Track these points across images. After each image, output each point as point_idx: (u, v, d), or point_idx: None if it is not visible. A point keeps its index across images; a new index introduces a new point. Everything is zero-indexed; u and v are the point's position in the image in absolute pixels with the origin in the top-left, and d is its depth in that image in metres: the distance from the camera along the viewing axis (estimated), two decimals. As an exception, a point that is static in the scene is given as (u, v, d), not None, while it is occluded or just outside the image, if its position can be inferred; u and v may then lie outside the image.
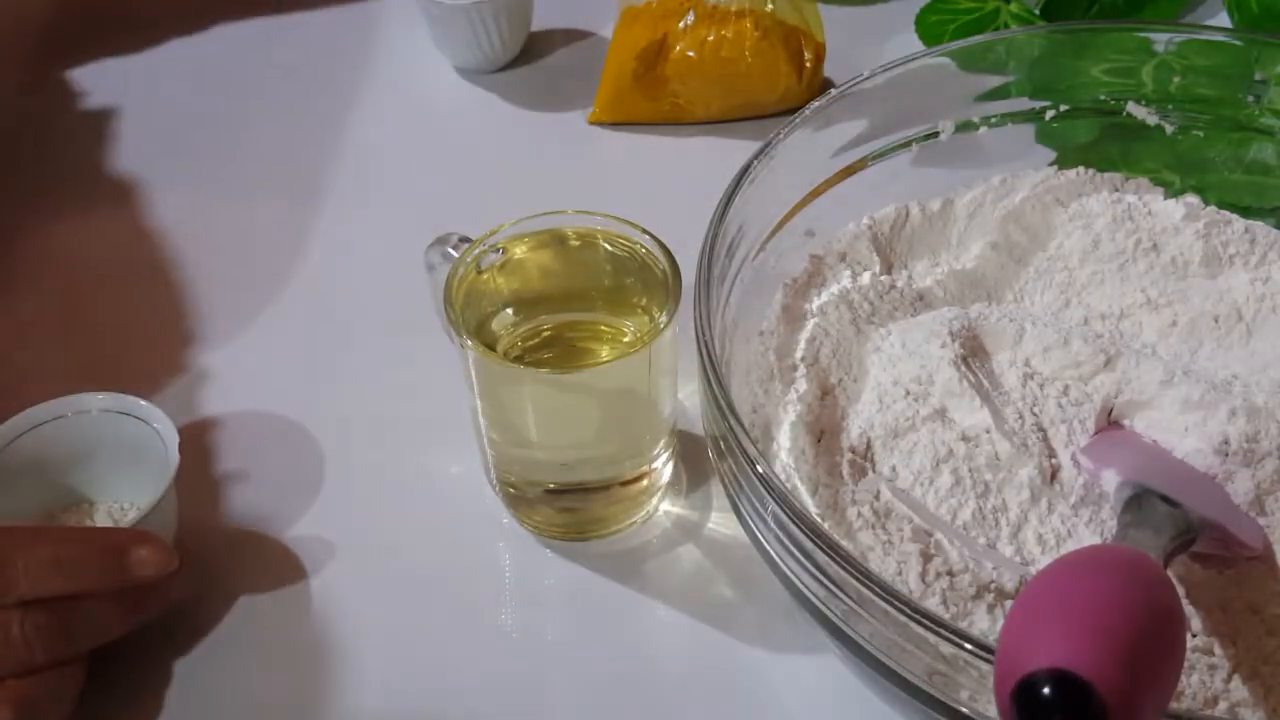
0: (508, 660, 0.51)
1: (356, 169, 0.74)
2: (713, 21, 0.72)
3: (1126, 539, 0.45)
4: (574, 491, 0.53)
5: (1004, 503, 0.49)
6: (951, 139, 0.60)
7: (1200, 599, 0.46)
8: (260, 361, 0.63)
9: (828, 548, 0.40)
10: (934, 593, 0.45)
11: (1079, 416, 0.51)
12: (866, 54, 0.78)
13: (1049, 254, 0.59)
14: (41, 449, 0.53)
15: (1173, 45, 0.61)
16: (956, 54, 0.60)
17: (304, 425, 0.59)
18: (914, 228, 0.59)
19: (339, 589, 0.53)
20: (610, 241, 0.53)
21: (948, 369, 0.51)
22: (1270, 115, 0.60)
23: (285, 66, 0.82)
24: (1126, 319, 0.57)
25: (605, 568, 0.54)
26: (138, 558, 0.46)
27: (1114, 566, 0.38)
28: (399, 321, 0.63)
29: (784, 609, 0.51)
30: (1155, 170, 0.61)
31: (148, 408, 0.53)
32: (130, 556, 0.46)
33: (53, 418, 0.53)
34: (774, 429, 0.51)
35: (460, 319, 0.49)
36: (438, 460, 0.58)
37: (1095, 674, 0.32)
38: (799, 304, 0.56)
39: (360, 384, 0.61)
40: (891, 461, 0.50)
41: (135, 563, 0.46)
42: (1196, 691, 0.43)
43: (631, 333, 0.53)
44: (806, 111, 0.55)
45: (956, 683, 0.39)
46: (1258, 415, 0.50)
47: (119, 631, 0.48)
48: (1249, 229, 0.58)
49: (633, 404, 0.51)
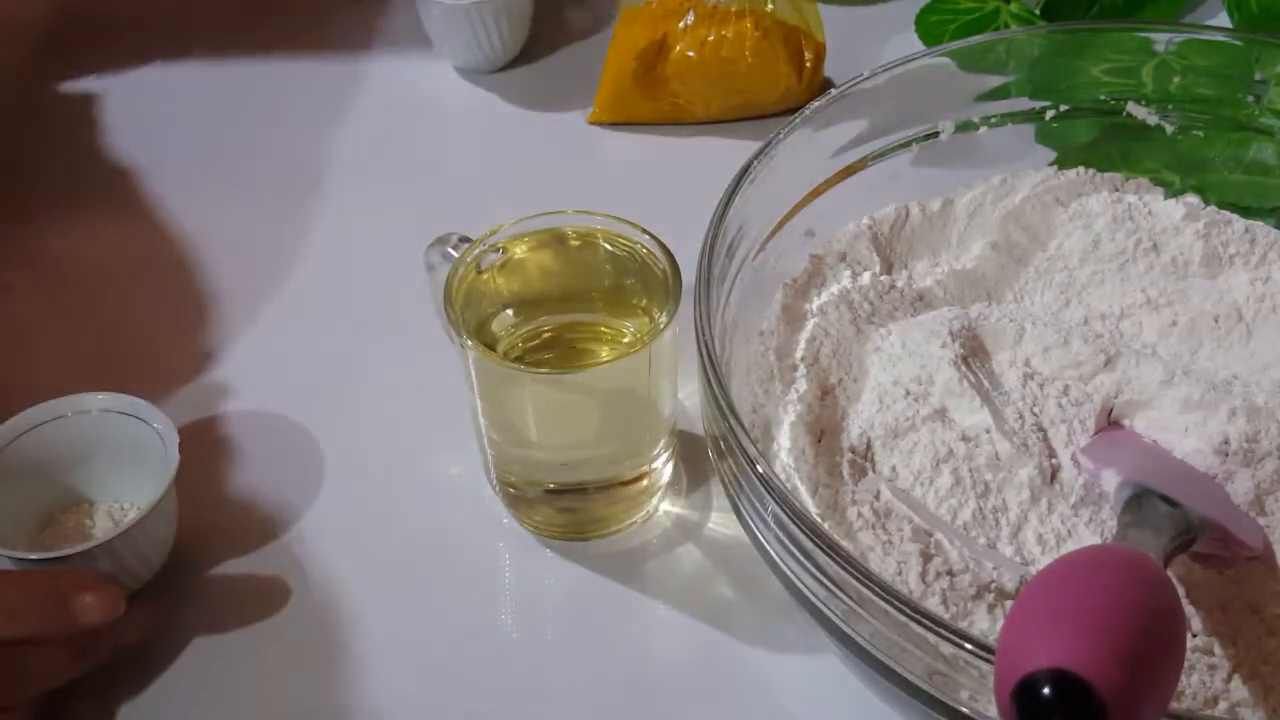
0: (508, 660, 0.51)
1: (356, 168, 0.74)
2: (713, 21, 0.72)
3: (1126, 539, 0.45)
4: (574, 491, 0.53)
5: (1004, 503, 0.49)
6: (951, 139, 0.60)
7: (1200, 599, 0.46)
8: (260, 361, 0.63)
9: (828, 548, 0.40)
10: (934, 593, 0.45)
11: (1079, 416, 0.51)
12: (866, 54, 0.78)
13: (1049, 254, 0.59)
14: (41, 449, 0.53)
15: (1173, 45, 0.61)
16: (956, 54, 0.60)
17: (304, 425, 0.59)
18: (914, 228, 0.59)
19: (339, 588, 0.53)
20: (610, 241, 0.53)
21: (948, 369, 0.51)
22: (1270, 115, 0.60)
23: (285, 66, 0.82)
24: (1126, 319, 0.56)
25: (605, 568, 0.54)
26: (82, 604, 0.45)
27: (1114, 566, 0.38)
28: (399, 322, 0.63)
29: (784, 609, 0.51)
30: (1155, 170, 0.61)
31: (148, 407, 0.53)
32: (74, 603, 0.45)
33: (53, 418, 0.53)
34: (774, 429, 0.51)
35: (460, 319, 0.49)
36: (438, 460, 0.58)
37: (1095, 674, 0.32)
38: (799, 304, 0.56)
39: (360, 384, 0.61)
40: (891, 461, 0.50)
41: (80, 609, 0.45)
42: (1196, 691, 0.43)
43: (631, 333, 0.53)
44: (806, 111, 0.55)
45: (957, 683, 0.39)
46: (1258, 415, 0.50)
47: (68, 676, 0.47)
48: (1249, 229, 0.58)
49: (633, 404, 0.51)
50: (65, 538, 0.52)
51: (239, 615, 0.52)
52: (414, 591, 0.53)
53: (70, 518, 0.54)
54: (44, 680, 0.46)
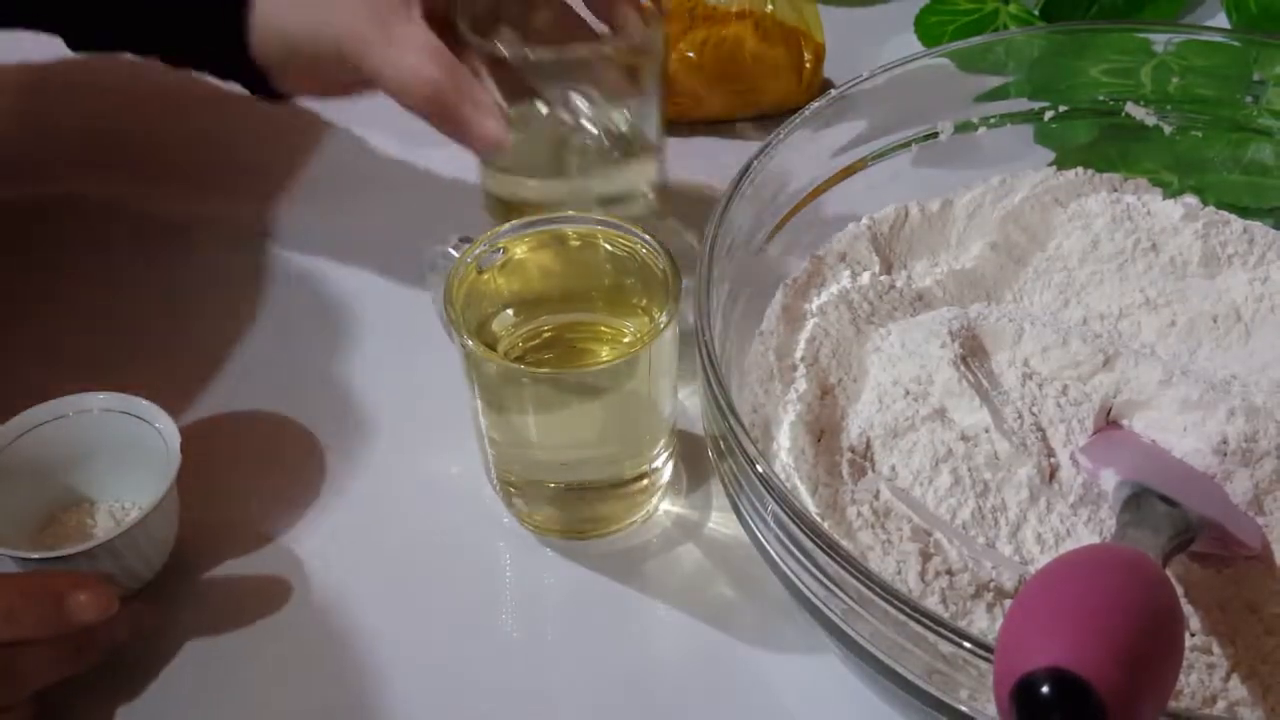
0: (508, 659, 0.51)
1: (357, 167, 0.74)
2: (713, 22, 0.72)
3: (1125, 538, 0.45)
4: (574, 491, 0.53)
5: (1003, 502, 0.49)
6: (951, 139, 0.60)
7: (1199, 598, 0.46)
8: (261, 361, 0.63)
9: (827, 547, 0.40)
10: (933, 592, 0.45)
11: (1078, 416, 0.51)
12: (866, 54, 0.78)
13: (1048, 254, 0.59)
14: (42, 449, 0.53)
15: (1172, 46, 0.61)
16: (956, 54, 0.60)
17: (304, 425, 0.59)
18: (913, 228, 0.59)
19: (339, 587, 0.53)
20: (610, 241, 0.53)
21: (947, 369, 0.51)
22: (1268, 116, 0.60)
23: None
24: (1125, 319, 0.57)
25: (605, 567, 0.54)
26: (76, 603, 0.46)
27: (1113, 566, 0.38)
28: (399, 322, 0.63)
29: (784, 608, 0.51)
30: (1154, 170, 0.61)
31: (149, 407, 0.53)
32: (69, 602, 0.46)
33: (53, 418, 0.53)
34: (774, 429, 0.51)
35: (461, 319, 0.49)
36: (438, 460, 0.58)
37: (1094, 673, 0.32)
38: (799, 304, 0.56)
39: (360, 384, 0.61)
40: (891, 461, 0.50)
41: (74, 608, 0.46)
42: (1195, 690, 0.43)
43: (631, 333, 0.53)
44: (806, 111, 0.56)
45: (956, 682, 0.39)
46: (1256, 415, 0.50)
47: (63, 675, 0.47)
48: (1247, 229, 0.58)
49: (633, 404, 0.51)
50: (66, 537, 0.52)
51: (239, 615, 0.52)
52: (414, 591, 0.53)
53: (71, 517, 0.54)
54: (40, 679, 0.46)
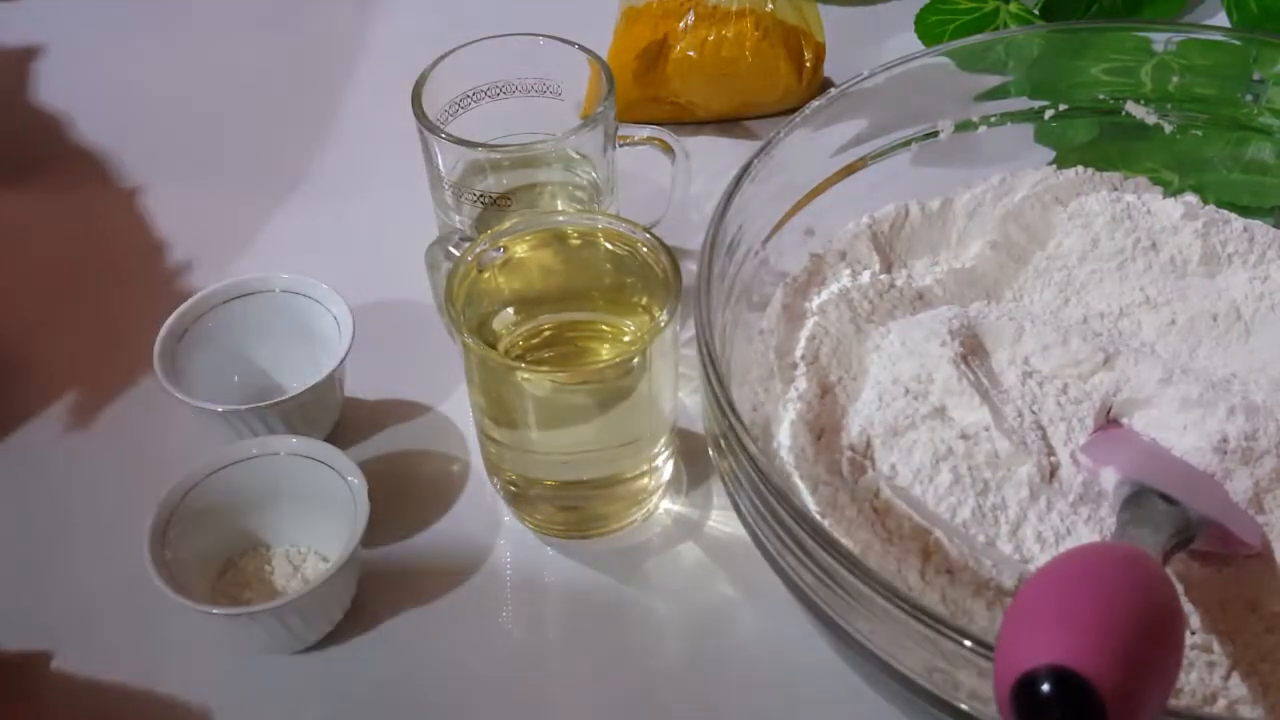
0: (508, 658, 0.51)
1: (357, 167, 0.74)
2: (713, 21, 0.72)
3: (1125, 537, 0.45)
4: (575, 489, 0.53)
5: (1003, 500, 0.49)
6: (951, 138, 0.60)
7: (1199, 596, 0.46)
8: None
9: (827, 545, 0.40)
10: (933, 590, 0.45)
11: (1078, 414, 0.51)
12: (866, 54, 0.78)
13: (1048, 253, 0.59)
14: (228, 491, 0.51)
15: (1172, 45, 0.61)
16: (956, 54, 0.60)
17: (305, 424, 0.59)
18: (914, 227, 0.59)
19: (340, 587, 0.53)
20: (611, 240, 0.53)
21: (947, 367, 0.51)
22: (1269, 115, 0.60)
23: (284, 61, 0.82)
24: (1125, 317, 0.57)
25: (606, 565, 0.54)
26: None
27: (1113, 564, 0.38)
28: (400, 320, 0.63)
29: (784, 607, 0.51)
30: (1154, 169, 0.62)
31: (336, 453, 0.51)
32: None
33: (240, 459, 0.51)
34: (774, 427, 0.51)
35: (461, 318, 0.49)
36: (438, 459, 0.58)
37: (1094, 671, 0.32)
38: (799, 303, 0.56)
39: (361, 382, 0.61)
40: (891, 459, 0.50)
41: None
42: (1195, 689, 0.43)
43: (632, 332, 0.53)
44: (806, 111, 0.56)
45: (956, 680, 0.39)
46: (1256, 413, 0.50)
47: None
48: (1247, 228, 0.58)
49: (633, 402, 0.51)
50: (246, 584, 0.52)
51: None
52: (414, 589, 0.53)
53: (249, 563, 0.52)
54: None
